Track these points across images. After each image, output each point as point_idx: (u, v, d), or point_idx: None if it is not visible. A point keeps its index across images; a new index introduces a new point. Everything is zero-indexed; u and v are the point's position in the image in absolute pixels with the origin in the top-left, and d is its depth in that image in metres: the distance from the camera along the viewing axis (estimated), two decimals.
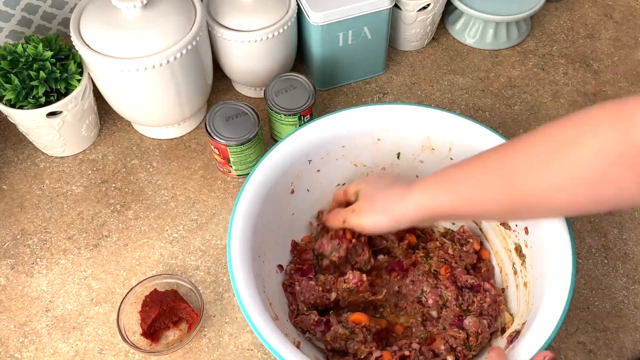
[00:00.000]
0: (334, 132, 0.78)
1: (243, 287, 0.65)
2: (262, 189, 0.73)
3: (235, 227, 0.70)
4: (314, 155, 0.78)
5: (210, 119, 0.84)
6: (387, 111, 0.78)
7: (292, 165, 0.77)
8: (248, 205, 0.72)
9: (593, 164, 0.54)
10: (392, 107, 0.79)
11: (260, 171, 0.74)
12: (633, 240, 0.85)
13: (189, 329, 0.77)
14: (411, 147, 0.81)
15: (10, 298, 0.81)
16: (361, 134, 0.79)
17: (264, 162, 0.75)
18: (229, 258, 0.68)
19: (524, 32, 1.07)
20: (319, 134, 0.78)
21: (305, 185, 0.80)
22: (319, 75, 0.98)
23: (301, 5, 0.91)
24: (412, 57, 1.05)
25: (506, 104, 0.99)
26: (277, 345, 0.62)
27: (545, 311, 0.64)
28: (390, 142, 0.80)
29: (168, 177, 0.91)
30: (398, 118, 0.78)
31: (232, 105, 0.86)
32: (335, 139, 0.79)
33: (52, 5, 0.99)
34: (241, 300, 0.64)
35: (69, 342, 0.77)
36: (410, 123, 0.79)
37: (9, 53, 0.82)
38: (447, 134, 0.78)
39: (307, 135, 0.77)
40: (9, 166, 0.92)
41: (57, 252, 0.84)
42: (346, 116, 0.78)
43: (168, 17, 0.81)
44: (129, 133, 0.95)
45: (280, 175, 0.76)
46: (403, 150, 0.81)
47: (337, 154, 0.80)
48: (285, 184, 0.78)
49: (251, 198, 0.72)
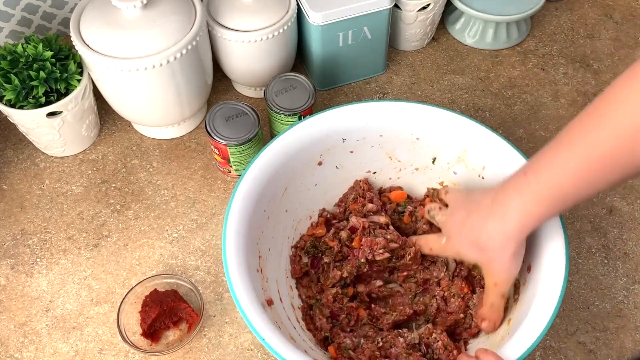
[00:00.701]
0: (371, 120, 0.78)
1: (236, 277, 0.66)
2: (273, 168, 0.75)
3: (233, 212, 0.70)
4: (349, 135, 0.79)
5: (210, 119, 0.84)
6: (429, 113, 0.78)
7: (323, 140, 0.78)
8: (251, 187, 0.72)
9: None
10: (436, 110, 0.78)
11: (284, 140, 0.76)
12: (633, 240, 0.85)
13: (189, 329, 0.77)
14: (447, 155, 0.80)
15: (10, 298, 0.81)
16: (401, 129, 0.79)
17: (290, 132, 0.76)
18: (224, 247, 0.68)
19: (524, 32, 1.07)
20: (355, 117, 0.78)
21: (335, 162, 0.81)
22: (319, 75, 0.98)
23: (301, 5, 0.91)
24: (412, 57, 1.05)
25: (506, 104, 0.99)
26: (275, 343, 0.62)
27: (537, 310, 0.64)
28: (428, 145, 0.80)
29: (168, 177, 0.91)
30: (439, 123, 0.78)
31: (232, 105, 0.86)
32: (373, 127, 0.79)
33: (52, 5, 0.99)
34: (238, 301, 0.65)
35: (69, 342, 0.77)
36: (451, 131, 0.78)
37: (9, 53, 0.82)
38: (483, 152, 0.77)
39: (344, 115, 0.78)
40: (9, 166, 0.92)
41: (57, 252, 0.84)
42: (386, 108, 0.78)
43: (168, 17, 0.81)
44: (129, 133, 0.95)
45: (308, 146, 0.77)
46: (439, 155, 0.81)
47: (373, 142, 0.80)
48: (314, 157, 0.79)
49: (257, 178, 0.73)
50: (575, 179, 0.58)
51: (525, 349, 0.61)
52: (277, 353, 0.61)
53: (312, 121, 0.77)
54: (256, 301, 0.65)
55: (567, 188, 0.59)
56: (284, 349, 0.62)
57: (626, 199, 0.89)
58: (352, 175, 0.83)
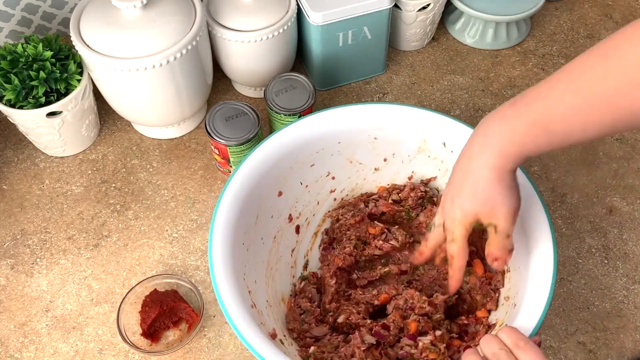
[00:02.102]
0: (331, 128, 0.78)
1: (222, 281, 0.65)
2: (250, 181, 0.73)
3: (220, 215, 0.70)
4: (309, 149, 0.78)
5: (210, 119, 0.84)
6: (384, 110, 0.78)
7: (284, 159, 0.76)
8: (236, 191, 0.72)
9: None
10: (389, 106, 0.78)
11: (250, 163, 0.74)
12: (633, 240, 0.85)
13: (189, 329, 0.77)
14: (407, 148, 0.81)
15: (10, 298, 0.81)
16: (358, 131, 0.79)
17: (255, 152, 0.75)
18: (210, 249, 0.67)
19: (524, 32, 1.07)
20: (315, 128, 0.77)
21: (298, 179, 0.80)
22: (318, 75, 0.98)
23: (301, 5, 0.91)
24: (412, 57, 1.05)
25: None
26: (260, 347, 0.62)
27: (528, 304, 0.64)
28: (386, 142, 0.80)
29: (168, 177, 0.91)
30: (395, 118, 0.78)
31: (232, 105, 0.86)
32: (332, 135, 0.78)
33: (52, 5, 0.99)
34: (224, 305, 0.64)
35: (69, 342, 0.77)
36: (407, 124, 0.78)
37: (9, 53, 0.82)
38: (442, 137, 0.78)
39: (304, 129, 0.77)
40: (9, 166, 0.92)
41: (57, 252, 0.84)
42: (343, 113, 0.78)
43: (168, 17, 0.81)
44: (129, 133, 0.95)
45: (270, 168, 0.75)
46: (398, 150, 0.81)
47: (333, 150, 0.80)
48: (275, 180, 0.77)
49: (239, 188, 0.72)
50: (569, 112, 0.56)
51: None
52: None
53: (273, 141, 0.75)
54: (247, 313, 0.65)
55: (558, 122, 0.57)
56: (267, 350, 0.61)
57: (626, 199, 0.89)
58: (315, 189, 0.82)
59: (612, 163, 0.92)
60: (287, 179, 0.78)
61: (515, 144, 0.58)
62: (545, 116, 0.57)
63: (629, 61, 0.53)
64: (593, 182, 0.90)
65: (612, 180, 0.91)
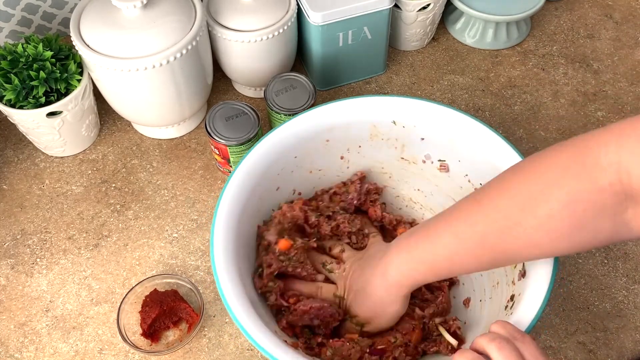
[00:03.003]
0: (283, 147, 0.76)
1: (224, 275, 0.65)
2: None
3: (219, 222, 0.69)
4: (269, 175, 0.76)
5: (210, 119, 0.84)
6: (325, 112, 0.76)
7: (252, 187, 0.74)
8: (237, 189, 0.72)
9: (564, 216, 0.53)
10: (327, 107, 0.76)
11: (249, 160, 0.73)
12: (633, 240, 0.85)
13: (189, 329, 0.77)
14: (360, 139, 0.79)
15: (10, 298, 0.81)
16: (308, 141, 0.77)
17: (255, 149, 0.74)
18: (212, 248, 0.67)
19: (524, 32, 1.07)
20: (268, 155, 0.75)
21: (270, 205, 0.78)
22: (319, 76, 0.98)
23: (301, 5, 0.91)
24: (412, 57, 1.05)
25: (506, 104, 0.99)
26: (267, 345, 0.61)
27: (525, 303, 0.63)
28: (338, 141, 0.79)
29: (168, 177, 0.91)
30: (338, 115, 0.76)
31: (232, 105, 0.86)
32: (286, 153, 0.76)
33: (52, 5, 0.99)
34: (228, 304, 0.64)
35: (69, 342, 0.77)
36: (353, 116, 0.77)
37: (9, 53, 0.82)
38: (390, 117, 0.77)
39: (255, 160, 0.74)
40: (9, 166, 0.92)
41: (57, 252, 0.84)
42: (288, 129, 0.75)
43: (168, 17, 0.81)
44: (129, 133, 0.95)
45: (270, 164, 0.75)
46: (352, 145, 0.80)
47: (291, 167, 0.78)
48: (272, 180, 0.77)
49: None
50: (449, 253, 0.61)
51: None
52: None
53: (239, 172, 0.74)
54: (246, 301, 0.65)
55: (440, 261, 0.62)
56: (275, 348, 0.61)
57: None
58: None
59: None
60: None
61: (408, 278, 0.66)
62: (430, 256, 0.63)
63: (498, 209, 0.57)
64: None
65: None
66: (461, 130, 0.75)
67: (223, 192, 0.71)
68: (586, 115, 0.98)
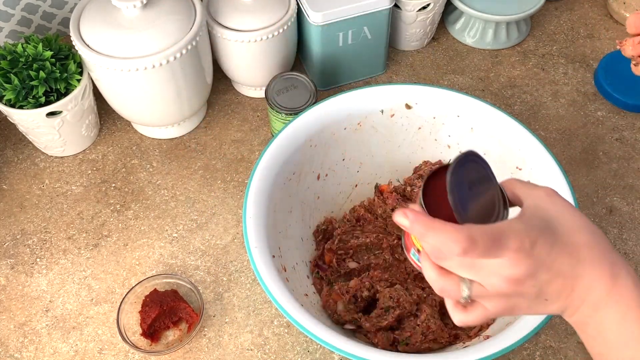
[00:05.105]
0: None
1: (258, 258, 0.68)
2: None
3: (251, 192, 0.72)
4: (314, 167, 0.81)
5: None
6: (364, 95, 0.81)
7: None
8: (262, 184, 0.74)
9: None
10: (377, 89, 0.81)
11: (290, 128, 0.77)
12: (633, 240, 0.85)
13: (189, 329, 0.77)
14: (383, 116, 0.82)
15: (10, 298, 0.81)
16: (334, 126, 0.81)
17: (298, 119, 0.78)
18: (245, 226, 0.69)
19: (524, 32, 1.07)
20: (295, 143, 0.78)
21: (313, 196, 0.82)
22: (319, 75, 0.98)
23: (301, 5, 0.91)
24: (412, 57, 1.05)
25: (506, 104, 0.99)
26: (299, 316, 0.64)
27: None
28: (373, 122, 0.82)
29: (168, 177, 0.91)
30: (368, 98, 0.81)
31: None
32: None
33: (52, 5, 0.99)
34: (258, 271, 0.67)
35: (69, 342, 0.77)
36: (371, 99, 0.81)
37: (9, 53, 0.82)
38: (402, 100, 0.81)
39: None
40: (9, 166, 0.92)
41: (57, 252, 0.84)
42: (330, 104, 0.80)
43: (168, 17, 0.81)
44: (129, 133, 0.95)
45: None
46: (382, 124, 0.83)
47: (337, 159, 0.82)
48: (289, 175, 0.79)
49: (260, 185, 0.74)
50: None
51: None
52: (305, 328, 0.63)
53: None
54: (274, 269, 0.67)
55: None
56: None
57: (626, 199, 0.89)
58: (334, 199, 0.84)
59: (612, 163, 0.92)
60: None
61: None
62: None
63: None
64: (593, 182, 0.90)
65: (612, 180, 0.91)
66: None
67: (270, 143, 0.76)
68: (586, 115, 0.98)
